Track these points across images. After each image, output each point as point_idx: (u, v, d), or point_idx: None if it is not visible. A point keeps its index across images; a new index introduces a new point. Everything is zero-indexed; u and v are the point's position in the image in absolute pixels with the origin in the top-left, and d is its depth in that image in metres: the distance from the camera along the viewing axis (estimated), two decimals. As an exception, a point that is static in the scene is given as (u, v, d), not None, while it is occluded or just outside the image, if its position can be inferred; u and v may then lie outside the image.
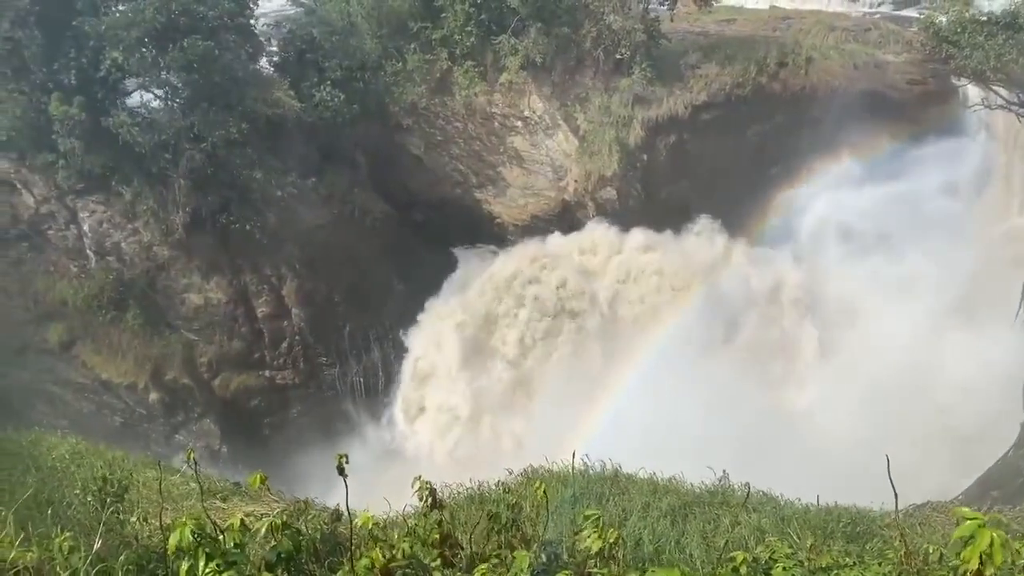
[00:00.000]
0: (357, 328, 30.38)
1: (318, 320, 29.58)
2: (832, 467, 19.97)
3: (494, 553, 5.95)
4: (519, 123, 31.84)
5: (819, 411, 26.77)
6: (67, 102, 24.56)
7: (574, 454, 8.02)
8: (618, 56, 30.95)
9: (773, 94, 31.14)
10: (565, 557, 6.19)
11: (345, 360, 30.42)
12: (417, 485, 6.72)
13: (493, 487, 11.57)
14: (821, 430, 25.24)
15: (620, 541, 5.32)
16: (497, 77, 31.20)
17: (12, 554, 4.17)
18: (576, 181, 31.37)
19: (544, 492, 6.14)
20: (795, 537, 8.96)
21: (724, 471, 11.49)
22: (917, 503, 12.75)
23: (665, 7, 33.24)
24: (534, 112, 31.48)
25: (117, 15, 25.16)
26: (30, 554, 4.23)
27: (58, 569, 4.29)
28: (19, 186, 26.76)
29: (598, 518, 5.43)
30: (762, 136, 31.27)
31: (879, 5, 40.13)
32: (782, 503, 11.15)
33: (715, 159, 30.93)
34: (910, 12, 37.67)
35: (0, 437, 15.36)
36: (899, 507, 7.02)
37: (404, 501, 8.18)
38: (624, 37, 30.53)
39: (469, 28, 30.65)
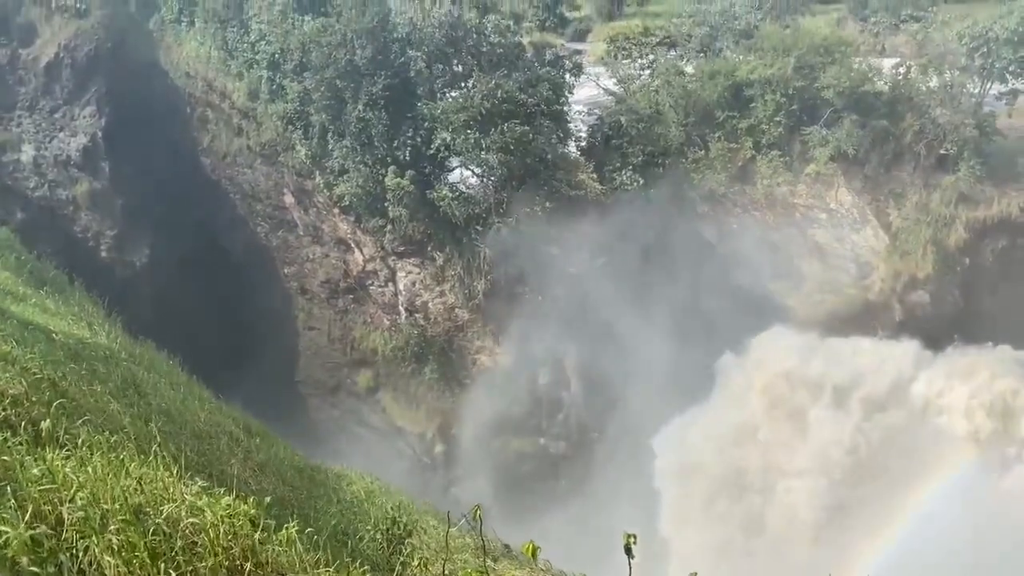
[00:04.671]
0: (633, 410, 30.23)
1: (594, 395, 29.93)
2: None
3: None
4: (823, 215, 30.43)
5: None
6: (400, 175, 27.73)
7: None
8: (942, 151, 28.89)
9: None
10: None
11: (617, 438, 30.33)
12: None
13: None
14: None
15: None
16: (803, 168, 30.24)
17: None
18: (883, 280, 29.19)
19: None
20: None
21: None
22: None
23: (1003, 101, 30.32)
24: (841, 205, 29.96)
25: (450, 100, 28.14)
26: (340, 581, 4.66)
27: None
28: (353, 245, 30.54)
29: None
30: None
31: None
32: None
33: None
34: None
35: (312, 466, 17.06)
36: None
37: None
38: (951, 131, 28.48)
39: (778, 118, 30.25)
